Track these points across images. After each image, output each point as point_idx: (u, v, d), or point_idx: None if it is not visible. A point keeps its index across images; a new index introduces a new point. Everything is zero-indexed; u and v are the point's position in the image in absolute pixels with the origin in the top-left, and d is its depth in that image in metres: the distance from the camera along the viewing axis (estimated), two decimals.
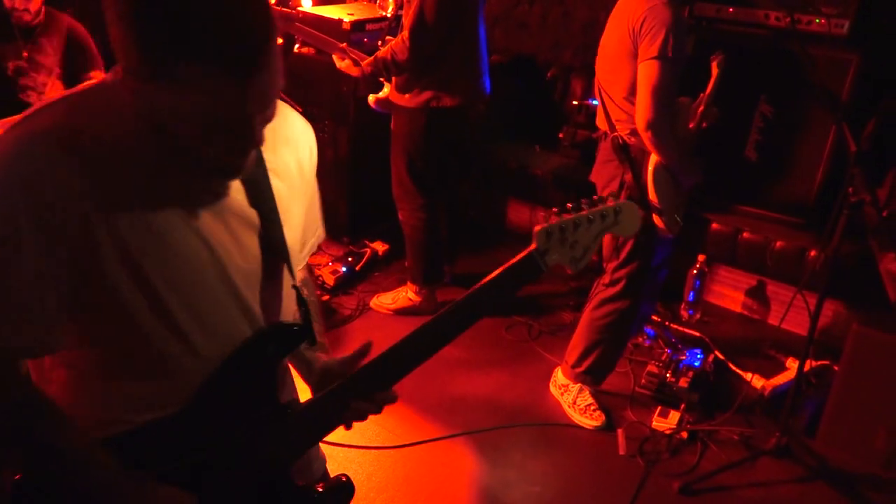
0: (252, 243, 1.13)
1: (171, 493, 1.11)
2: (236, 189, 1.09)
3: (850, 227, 2.37)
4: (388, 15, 3.74)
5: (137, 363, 1.07)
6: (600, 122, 2.66)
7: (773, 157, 3.27)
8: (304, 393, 1.35)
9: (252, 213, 1.11)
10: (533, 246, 1.22)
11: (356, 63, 3.04)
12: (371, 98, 3.19)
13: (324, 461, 1.46)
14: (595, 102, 3.79)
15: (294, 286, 1.25)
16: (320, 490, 1.34)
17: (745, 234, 3.30)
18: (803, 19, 3.07)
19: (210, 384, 1.12)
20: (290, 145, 1.20)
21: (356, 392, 1.22)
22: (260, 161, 1.12)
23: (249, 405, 1.19)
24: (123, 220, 0.99)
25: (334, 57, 3.11)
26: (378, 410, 1.26)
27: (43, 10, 3.07)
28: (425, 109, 3.03)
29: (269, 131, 1.10)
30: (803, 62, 3.11)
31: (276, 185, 1.14)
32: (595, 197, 1.26)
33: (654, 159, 2.47)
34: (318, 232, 1.34)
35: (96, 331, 1.04)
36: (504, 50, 4.29)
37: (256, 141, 1.00)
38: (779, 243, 3.24)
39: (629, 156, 2.54)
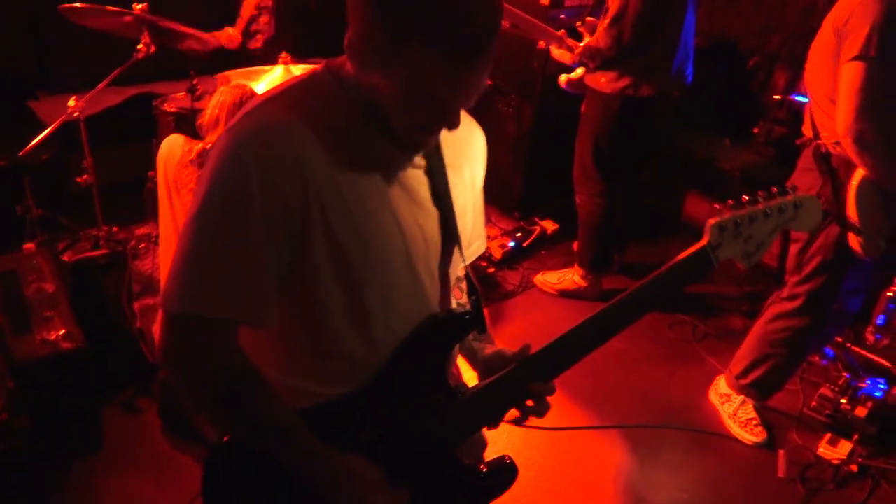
0: (432, 229, 1.21)
1: (358, 462, 1.21)
2: (421, 179, 1.18)
3: None
4: None
5: (319, 341, 1.17)
6: (806, 127, 2.50)
7: None
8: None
9: (432, 202, 1.20)
10: (705, 240, 1.21)
11: (570, 50, 3.04)
12: (563, 78, 3.19)
13: (485, 444, 1.53)
14: (800, 99, 3.55)
15: (467, 275, 1.33)
16: (485, 470, 1.42)
17: None
18: None
19: (386, 366, 1.21)
20: (470, 160, 1.28)
21: (523, 380, 1.27)
22: (442, 159, 1.20)
23: (421, 388, 1.27)
24: (335, 202, 1.09)
25: (551, 46, 3.11)
26: (543, 403, 1.29)
27: None
28: (620, 96, 2.99)
29: (456, 140, 1.20)
30: None
31: (454, 183, 1.23)
32: (774, 189, 1.22)
33: (860, 173, 2.29)
34: (480, 240, 1.41)
35: (293, 307, 1.13)
36: (706, 32, 4.09)
37: (454, 122, 1.07)
38: None
39: (830, 166, 2.37)
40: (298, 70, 3.06)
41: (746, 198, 1.21)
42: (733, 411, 2.75)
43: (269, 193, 1.04)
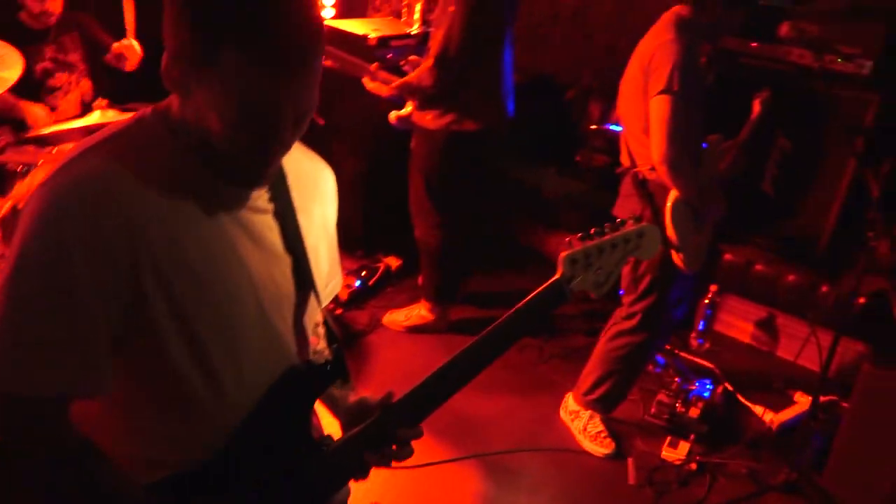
0: (284, 276, 1.16)
1: None
2: (270, 224, 1.13)
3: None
4: (414, 32, 3.79)
5: (166, 403, 1.08)
6: (623, 156, 2.71)
7: (789, 192, 3.32)
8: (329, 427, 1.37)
9: (283, 247, 1.15)
10: (559, 273, 1.25)
11: (386, 83, 3.07)
12: (393, 115, 3.22)
13: (349, 492, 1.48)
14: (613, 128, 3.84)
15: (325, 322, 1.28)
16: None
17: (758, 267, 3.36)
18: (826, 58, 3.12)
19: (244, 426, 1.14)
20: (320, 200, 1.25)
21: (390, 427, 1.24)
22: (290, 202, 1.16)
23: (284, 445, 1.20)
24: (173, 258, 1.01)
25: (364, 79, 3.14)
26: (407, 447, 1.27)
27: (61, 5, 3.08)
28: (446, 132, 3.07)
29: (304, 181, 1.17)
30: (823, 100, 3.16)
31: (304, 225, 1.19)
32: (617, 220, 1.29)
33: (673, 195, 2.50)
34: (336, 278, 1.37)
35: (134, 369, 1.05)
36: (524, 69, 4.32)
37: (285, 143, 1.03)
38: (790, 277, 3.29)
39: (647, 191, 2.57)
40: (115, 116, 2.88)
41: (594, 230, 1.27)
42: (583, 426, 2.87)
43: (92, 258, 0.95)
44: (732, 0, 2.48)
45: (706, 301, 3.45)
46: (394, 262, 3.80)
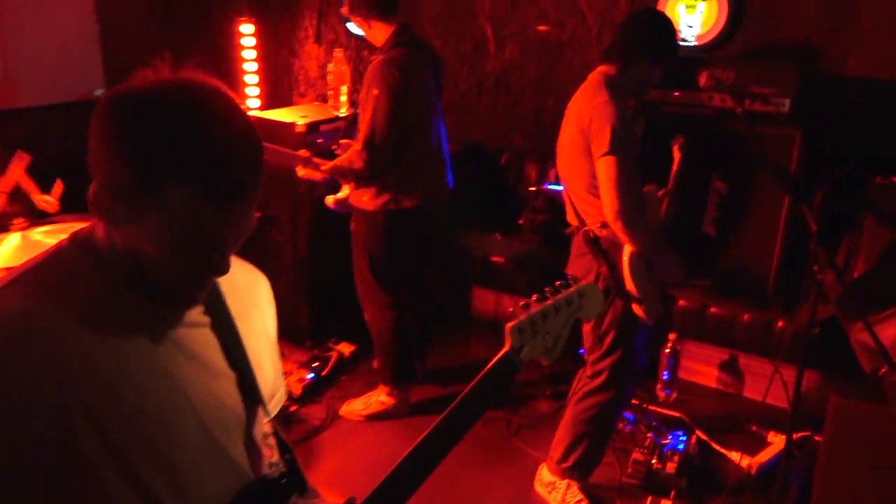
0: (229, 393, 1.10)
1: None
2: (208, 340, 1.08)
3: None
4: (343, 114, 3.82)
5: None
6: (570, 216, 2.72)
7: (731, 232, 3.39)
8: None
9: (226, 363, 1.10)
10: (507, 345, 1.23)
11: (317, 168, 3.06)
12: (329, 199, 3.20)
13: None
14: (552, 188, 3.90)
15: (276, 433, 1.22)
16: None
17: (713, 309, 3.38)
18: (745, 101, 3.24)
19: None
20: (258, 309, 1.21)
21: None
22: (228, 313, 1.12)
23: None
24: (103, 396, 0.93)
25: (296, 168, 3.12)
26: None
27: None
28: (384, 211, 3.06)
29: (239, 291, 1.13)
30: (750, 140, 3.26)
31: (245, 336, 1.14)
32: (557, 283, 1.28)
33: (628, 249, 2.52)
34: (282, 388, 1.32)
35: None
36: (456, 139, 4.39)
37: (223, 268, 0.99)
38: (746, 316, 3.32)
39: (601, 248, 2.58)
40: (38, 235, 2.76)
41: (536, 296, 1.26)
42: (561, 498, 2.77)
43: (13, 408, 0.86)
44: (654, 57, 2.57)
45: (667, 350, 3.44)
46: (346, 348, 3.71)
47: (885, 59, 3.34)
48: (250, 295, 1.20)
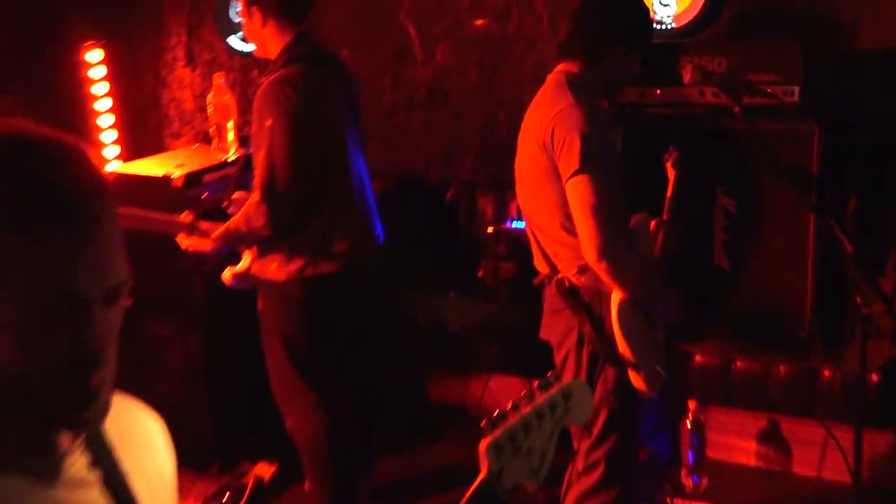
0: None
1: None
2: (96, 500, 1.10)
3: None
4: (232, 158, 3.82)
5: None
6: (538, 262, 2.74)
7: (749, 261, 3.47)
8: None
9: None
10: (484, 470, 1.23)
11: (205, 235, 3.04)
12: (226, 274, 3.15)
13: None
14: (516, 225, 3.94)
15: None
16: None
17: (739, 363, 3.45)
18: (744, 95, 3.34)
19: None
20: (149, 453, 1.24)
21: None
22: (116, 465, 1.14)
23: None
24: None
25: (178, 237, 3.10)
26: None
27: None
28: (299, 281, 3.05)
29: (126, 437, 1.16)
30: (757, 142, 3.37)
31: (142, 492, 1.16)
32: (536, 385, 1.29)
33: (616, 298, 2.54)
34: None
35: None
36: (384, 173, 4.42)
37: (102, 343, 1.00)
38: (781, 368, 3.39)
39: (582, 301, 2.61)
40: None
41: (510, 404, 1.27)
42: None
43: None
44: (627, 44, 2.65)
45: (687, 424, 3.48)
46: (265, 470, 3.65)
47: None
48: (139, 437, 1.22)
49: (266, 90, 2.95)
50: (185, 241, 3.09)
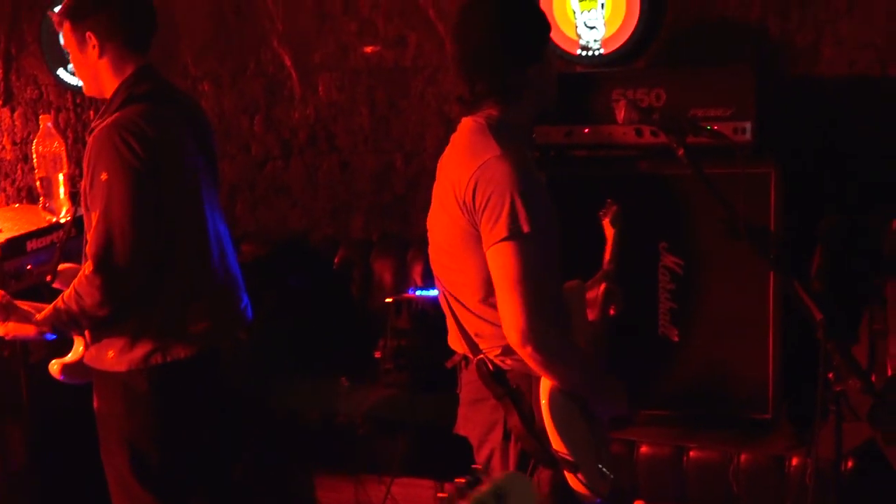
0: None
1: None
2: None
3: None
4: (64, 219, 3.75)
5: None
6: (454, 341, 2.69)
7: (699, 330, 3.50)
8: None
9: None
10: None
11: (27, 319, 2.96)
12: (55, 366, 3.08)
13: None
14: (422, 294, 3.90)
15: None
16: None
17: (693, 453, 3.45)
18: (687, 135, 3.39)
19: None
20: None
21: None
22: None
23: None
24: None
25: None
26: None
27: None
28: (145, 370, 2.96)
29: None
30: (704, 189, 3.41)
31: None
32: (461, 480, 1.27)
33: (546, 386, 2.50)
34: None
35: None
36: (255, 236, 4.35)
37: None
38: (744, 456, 3.40)
39: (508, 387, 2.56)
40: None
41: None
42: None
43: None
44: (537, 58, 2.59)
45: None
46: None
47: (867, 42, 3.61)
48: None
49: (100, 136, 2.89)
50: (1, 328, 3.00)
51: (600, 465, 2.61)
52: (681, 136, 3.20)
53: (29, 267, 3.51)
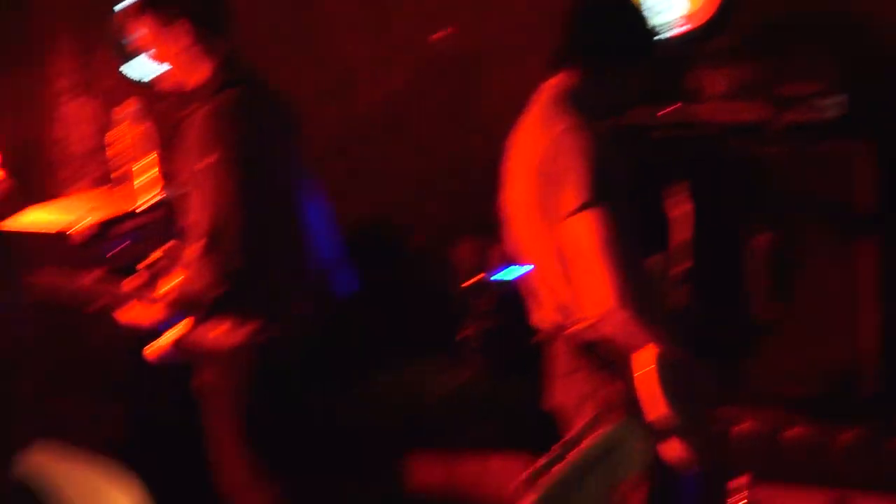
0: None
1: None
2: None
3: None
4: (140, 209, 3.83)
5: None
6: (541, 315, 2.69)
7: (795, 310, 3.50)
8: None
9: None
10: None
11: (154, 302, 3.00)
12: (159, 345, 3.07)
13: None
14: (502, 278, 3.91)
15: None
16: None
17: (795, 429, 3.46)
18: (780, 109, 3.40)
19: None
20: None
21: None
22: None
23: None
24: None
25: (117, 313, 3.07)
26: None
27: None
28: (252, 346, 3.00)
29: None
30: (794, 164, 3.41)
31: None
32: (566, 439, 1.28)
33: (649, 352, 2.48)
34: None
35: None
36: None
37: None
38: (844, 436, 3.41)
39: (602, 358, 2.55)
40: None
41: (548, 456, 1.24)
42: None
43: None
44: (629, 58, 2.66)
45: None
46: None
47: None
48: None
49: (208, 119, 2.94)
50: (124, 315, 3.05)
51: (705, 436, 2.61)
52: (779, 111, 3.21)
53: (127, 243, 3.56)
